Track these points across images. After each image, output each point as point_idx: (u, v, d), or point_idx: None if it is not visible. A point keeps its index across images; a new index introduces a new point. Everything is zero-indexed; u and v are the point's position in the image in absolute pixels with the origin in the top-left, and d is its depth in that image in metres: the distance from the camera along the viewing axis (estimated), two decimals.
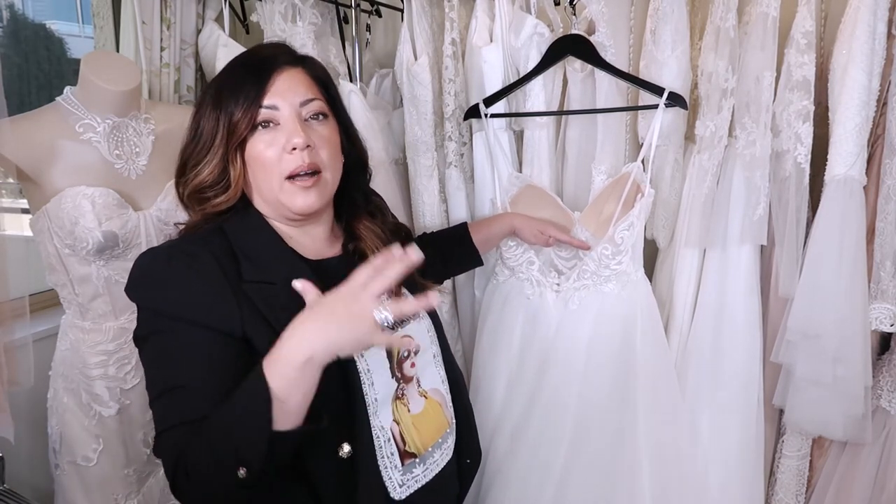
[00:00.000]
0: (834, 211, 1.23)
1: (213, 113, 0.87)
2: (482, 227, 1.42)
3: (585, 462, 1.34)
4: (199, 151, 0.88)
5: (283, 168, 0.86)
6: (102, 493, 1.36)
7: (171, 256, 0.84)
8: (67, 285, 1.31)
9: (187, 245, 0.86)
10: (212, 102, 0.88)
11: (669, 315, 1.46)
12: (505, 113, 1.49)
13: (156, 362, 0.82)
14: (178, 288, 0.82)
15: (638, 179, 1.35)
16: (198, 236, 0.88)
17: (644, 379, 1.35)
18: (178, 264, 0.82)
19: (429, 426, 0.95)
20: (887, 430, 1.32)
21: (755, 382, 1.39)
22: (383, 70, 1.80)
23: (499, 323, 1.49)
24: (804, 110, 1.26)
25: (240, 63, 0.92)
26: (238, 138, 0.86)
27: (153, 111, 1.39)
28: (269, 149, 0.87)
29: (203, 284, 0.82)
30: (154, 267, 0.84)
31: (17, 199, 1.48)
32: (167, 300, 0.81)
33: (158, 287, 0.82)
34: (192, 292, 0.81)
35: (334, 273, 0.91)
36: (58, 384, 1.36)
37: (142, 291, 0.83)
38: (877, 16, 1.18)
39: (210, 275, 0.82)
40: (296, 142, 0.85)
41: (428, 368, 0.98)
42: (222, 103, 0.87)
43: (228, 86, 0.88)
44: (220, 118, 0.87)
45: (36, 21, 2.02)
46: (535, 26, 1.42)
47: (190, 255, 0.83)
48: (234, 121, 0.86)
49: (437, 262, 1.32)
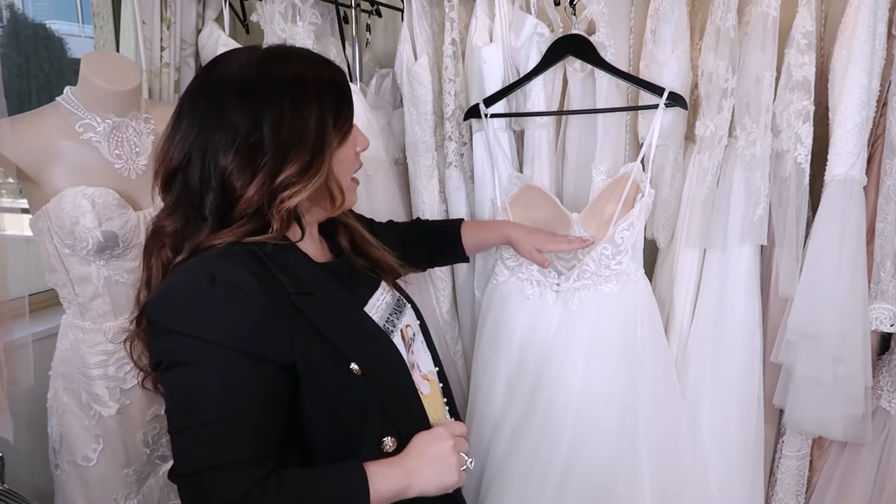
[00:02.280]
0: (834, 211, 1.23)
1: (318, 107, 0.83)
2: (478, 231, 1.40)
3: (585, 462, 1.34)
4: (295, 162, 0.80)
5: (355, 167, 0.93)
6: (102, 493, 1.36)
7: (215, 277, 0.75)
8: (67, 285, 1.31)
9: (227, 265, 0.77)
10: (317, 98, 0.83)
11: (669, 315, 1.46)
12: (505, 113, 1.49)
13: (186, 393, 0.74)
14: (223, 313, 0.74)
15: (638, 179, 1.35)
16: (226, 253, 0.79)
17: (644, 379, 1.35)
18: (222, 287, 0.75)
19: (437, 407, 0.97)
20: (887, 430, 1.32)
21: (755, 382, 1.39)
22: (383, 70, 1.80)
23: (499, 323, 1.49)
24: (804, 110, 1.26)
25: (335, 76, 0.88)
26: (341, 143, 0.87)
27: (153, 111, 1.39)
28: (350, 149, 0.90)
29: (252, 309, 0.75)
30: (195, 288, 0.76)
31: (17, 199, 1.48)
32: (210, 326, 0.74)
33: (199, 310, 0.75)
34: (240, 318, 0.74)
35: (341, 274, 0.95)
36: (58, 384, 1.36)
37: (177, 314, 0.75)
38: (877, 16, 1.17)
39: (258, 298, 0.75)
40: (366, 143, 0.93)
41: (422, 353, 1.01)
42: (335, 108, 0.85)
43: (335, 89, 0.86)
44: (325, 115, 0.83)
45: (36, 21, 2.02)
46: (536, 26, 1.42)
47: (235, 277, 0.76)
48: (345, 123, 0.87)
49: (423, 251, 1.34)
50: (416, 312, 1.06)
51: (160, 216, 0.85)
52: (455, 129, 1.56)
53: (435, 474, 0.83)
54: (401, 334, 0.96)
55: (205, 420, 0.73)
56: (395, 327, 0.96)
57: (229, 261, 0.78)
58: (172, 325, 0.75)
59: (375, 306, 0.96)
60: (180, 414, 0.74)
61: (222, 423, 0.73)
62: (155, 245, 0.84)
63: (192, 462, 0.73)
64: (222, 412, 0.73)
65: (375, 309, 0.95)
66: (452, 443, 0.84)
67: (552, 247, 1.34)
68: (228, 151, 0.79)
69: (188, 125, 0.81)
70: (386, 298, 1.00)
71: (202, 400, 0.73)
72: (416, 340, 1.01)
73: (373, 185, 1.54)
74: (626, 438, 1.34)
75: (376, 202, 1.54)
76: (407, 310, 1.03)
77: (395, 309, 1.00)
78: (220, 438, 0.72)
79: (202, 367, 0.74)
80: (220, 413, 0.73)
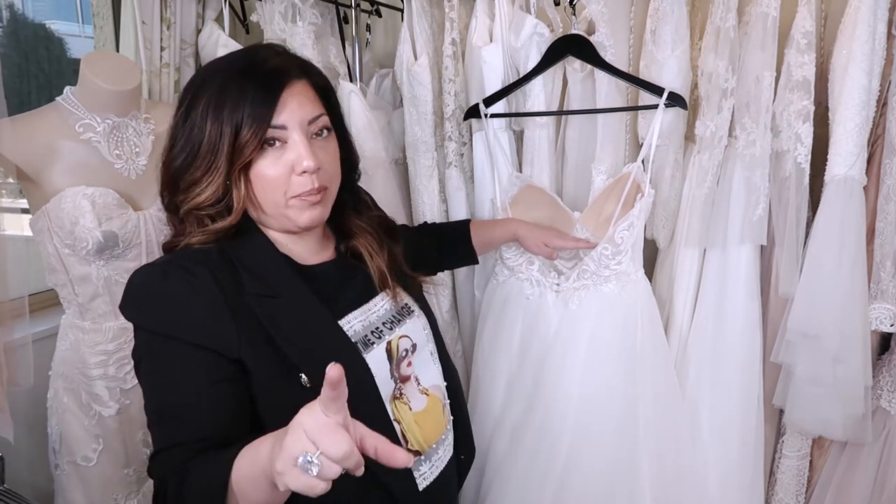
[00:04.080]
0: (834, 211, 1.23)
1: (213, 124, 0.80)
2: (485, 229, 1.40)
3: (585, 462, 1.34)
4: (198, 168, 0.81)
5: (292, 189, 0.83)
6: (102, 493, 1.36)
7: (168, 273, 0.80)
8: (67, 285, 1.31)
9: (184, 261, 0.81)
10: (212, 112, 0.80)
11: (669, 315, 1.46)
12: (505, 113, 1.49)
13: (151, 385, 0.79)
14: (173, 306, 0.78)
15: (638, 179, 1.35)
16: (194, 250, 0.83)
17: (644, 379, 1.35)
18: (174, 282, 0.79)
19: (432, 423, 0.95)
20: (887, 430, 1.32)
21: (755, 382, 1.39)
22: (383, 70, 1.80)
23: (499, 323, 1.49)
24: (804, 110, 1.26)
25: (245, 70, 0.83)
26: (245, 159, 0.81)
27: (153, 111, 1.39)
28: (274, 168, 0.82)
29: (200, 303, 0.78)
30: (149, 285, 0.80)
31: (17, 199, 1.48)
32: (162, 320, 0.78)
33: (153, 306, 0.79)
34: (188, 311, 0.78)
35: (327, 277, 0.92)
36: (58, 384, 1.36)
37: (136, 310, 0.80)
38: (877, 16, 1.17)
39: (208, 293, 0.79)
40: (306, 165, 0.82)
41: (426, 366, 0.98)
42: (224, 116, 0.80)
43: (233, 96, 0.80)
44: (222, 132, 0.80)
45: (36, 21, 2.02)
46: (535, 26, 1.42)
47: (187, 272, 0.79)
48: (242, 139, 0.79)
49: (433, 254, 1.33)
50: (429, 323, 1.02)
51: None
52: (455, 129, 1.56)
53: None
54: (387, 346, 0.92)
55: (162, 410, 0.77)
56: (380, 339, 0.92)
57: (189, 258, 0.82)
58: (133, 319, 0.80)
59: (368, 312, 0.93)
60: (150, 411, 0.78)
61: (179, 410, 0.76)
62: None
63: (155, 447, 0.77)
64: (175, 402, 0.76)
65: (364, 317, 0.92)
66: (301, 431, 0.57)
67: (559, 242, 1.35)
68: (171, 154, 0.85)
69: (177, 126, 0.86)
70: (385, 306, 0.96)
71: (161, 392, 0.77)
72: (421, 352, 0.97)
73: (373, 185, 1.54)
74: (626, 438, 1.34)
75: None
76: (410, 320, 0.98)
77: (392, 318, 0.95)
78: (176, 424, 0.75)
79: (157, 360, 0.78)
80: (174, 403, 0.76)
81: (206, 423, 0.75)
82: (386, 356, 0.91)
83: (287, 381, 0.80)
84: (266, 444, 0.62)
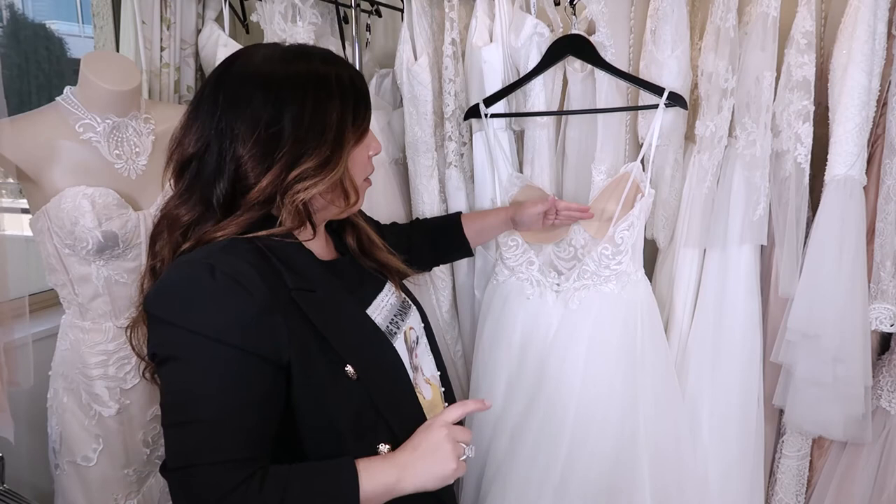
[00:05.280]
0: (834, 211, 1.23)
1: (340, 105, 0.84)
2: (477, 217, 1.42)
3: (586, 462, 1.34)
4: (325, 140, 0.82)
5: (368, 170, 0.93)
6: (102, 493, 1.36)
7: (215, 269, 0.74)
8: (67, 285, 1.31)
9: (228, 258, 0.76)
10: (339, 97, 0.84)
11: (669, 315, 1.46)
12: (505, 113, 1.49)
13: (180, 385, 0.74)
14: (222, 307, 0.73)
15: (638, 179, 1.35)
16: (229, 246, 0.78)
17: (644, 379, 1.35)
18: (222, 279, 0.73)
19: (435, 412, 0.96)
20: (887, 430, 1.32)
21: (755, 382, 1.39)
22: (383, 70, 1.80)
23: (499, 323, 1.49)
24: (804, 110, 1.26)
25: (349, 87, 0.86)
26: (357, 143, 0.88)
27: (153, 111, 1.40)
28: (364, 152, 0.90)
29: (251, 304, 0.74)
30: (194, 280, 0.75)
31: (17, 199, 1.48)
32: (207, 319, 0.73)
33: (197, 303, 0.74)
34: (238, 313, 0.73)
35: (346, 273, 0.95)
36: (58, 384, 1.36)
37: (175, 306, 0.74)
38: (877, 16, 1.17)
39: (258, 292, 0.74)
40: (378, 148, 0.92)
41: (425, 357, 1.00)
42: (354, 108, 0.85)
43: (354, 90, 0.86)
44: (345, 113, 0.84)
45: (36, 21, 2.02)
46: (536, 26, 1.42)
47: (235, 270, 0.74)
48: (362, 123, 0.87)
49: (426, 249, 1.34)
50: (421, 315, 1.05)
51: (171, 203, 0.84)
52: (455, 129, 1.56)
53: (429, 466, 0.79)
54: (404, 337, 0.95)
55: (197, 417, 0.72)
56: (398, 329, 0.95)
57: (231, 254, 0.77)
58: (170, 317, 0.74)
59: (380, 307, 0.95)
60: (173, 408, 0.74)
61: (214, 422, 0.72)
62: (165, 232, 0.84)
63: (182, 458, 0.73)
64: (214, 411, 0.72)
65: (379, 310, 0.95)
66: (446, 431, 0.81)
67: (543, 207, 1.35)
68: (248, 141, 0.79)
69: (208, 114, 0.81)
70: (391, 300, 0.99)
71: (196, 396, 0.73)
72: (420, 344, 1.00)
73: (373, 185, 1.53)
74: (627, 438, 1.34)
75: (376, 202, 1.54)
76: (412, 312, 1.02)
77: (399, 311, 0.99)
78: (210, 437, 0.72)
79: (197, 362, 0.73)
80: (213, 412, 0.72)
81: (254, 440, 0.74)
82: (405, 346, 0.94)
83: (334, 374, 0.80)
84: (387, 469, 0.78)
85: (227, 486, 0.70)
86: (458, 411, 0.84)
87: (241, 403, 0.73)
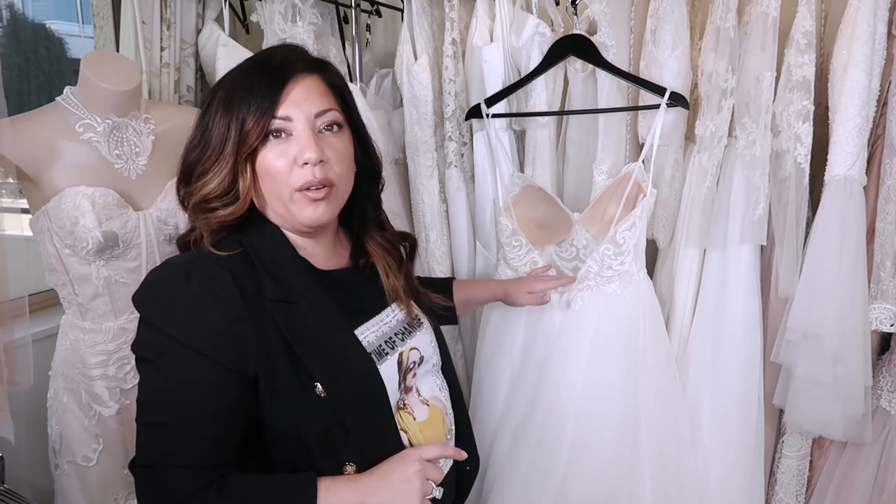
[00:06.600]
0: (834, 211, 1.23)
1: (222, 118, 0.82)
2: (468, 288, 1.38)
3: (587, 463, 1.34)
4: (207, 159, 0.83)
5: (293, 181, 0.83)
6: (102, 493, 1.36)
7: (191, 275, 0.77)
8: (67, 285, 1.31)
9: (208, 264, 0.79)
10: (222, 107, 0.82)
11: (670, 315, 1.46)
12: (506, 113, 1.49)
13: (152, 387, 0.77)
14: (193, 313, 0.76)
15: (639, 179, 1.35)
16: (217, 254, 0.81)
17: (646, 380, 1.35)
18: (196, 286, 0.76)
19: (434, 433, 0.95)
20: (887, 430, 1.33)
21: (755, 382, 1.39)
22: (383, 70, 1.80)
23: (501, 323, 1.49)
24: (804, 110, 1.26)
25: (253, 66, 0.86)
26: (249, 148, 0.81)
27: (153, 111, 1.39)
28: (279, 160, 0.82)
29: (221, 312, 0.76)
30: (171, 284, 0.78)
31: (17, 199, 1.47)
32: (179, 324, 0.75)
33: (171, 307, 0.76)
34: (208, 320, 0.76)
35: (344, 285, 0.92)
36: (58, 384, 1.36)
37: (152, 307, 0.78)
38: (877, 16, 1.18)
39: (230, 302, 0.76)
40: (308, 157, 0.81)
41: (427, 377, 0.98)
42: (233, 109, 0.81)
43: (240, 91, 0.82)
44: (230, 125, 0.81)
45: (36, 21, 2.02)
46: (537, 26, 1.42)
47: (210, 277, 0.77)
48: (246, 130, 0.81)
49: None
50: (436, 335, 1.02)
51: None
52: (455, 129, 1.56)
53: (393, 497, 0.77)
54: (399, 357, 0.92)
55: (165, 420, 0.75)
56: (392, 349, 0.92)
57: (212, 260, 0.80)
58: (149, 317, 0.78)
59: (377, 324, 0.93)
60: (146, 408, 0.77)
61: (180, 427, 0.75)
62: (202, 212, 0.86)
63: (148, 456, 0.76)
64: (181, 417, 0.75)
65: (376, 328, 0.92)
66: (419, 466, 0.79)
67: (541, 286, 1.33)
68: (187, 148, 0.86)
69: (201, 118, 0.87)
70: (397, 316, 0.96)
71: (166, 400, 0.76)
72: (426, 365, 0.97)
73: None
74: (628, 439, 1.34)
75: None
76: (420, 332, 0.98)
77: (403, 329, 0.96)
78: (175, 441, 0.75)
79: (168, 367, 0.76)
80: (180, 417, 0.75)
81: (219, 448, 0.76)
82: (397, 367, 0.91)
83: (302, 390, 0.79)
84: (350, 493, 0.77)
85: (186, 490, 0.73)
86: (437, 451, 0.83)
87: (206, 411, 0.75)
